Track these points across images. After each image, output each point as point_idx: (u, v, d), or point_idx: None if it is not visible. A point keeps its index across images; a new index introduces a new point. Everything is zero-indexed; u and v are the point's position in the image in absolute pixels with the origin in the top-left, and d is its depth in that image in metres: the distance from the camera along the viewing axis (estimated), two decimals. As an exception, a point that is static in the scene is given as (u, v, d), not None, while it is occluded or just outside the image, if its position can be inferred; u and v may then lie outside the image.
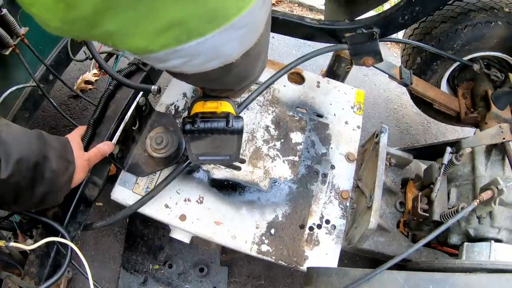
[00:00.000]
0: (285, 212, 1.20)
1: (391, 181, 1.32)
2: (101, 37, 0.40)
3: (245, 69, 0.60)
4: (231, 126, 0.72)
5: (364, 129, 1.59)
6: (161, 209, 1.14)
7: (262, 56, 0.63)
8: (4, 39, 1.06)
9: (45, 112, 1.86)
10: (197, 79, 0.60)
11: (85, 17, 0.35)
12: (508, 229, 1.10)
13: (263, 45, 0.58)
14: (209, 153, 0.88)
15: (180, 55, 0.44)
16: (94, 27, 0.37)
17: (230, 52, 0.48)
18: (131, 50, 0.43)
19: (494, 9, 1.46)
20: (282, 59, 2.37)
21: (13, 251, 0.97)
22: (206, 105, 0.75)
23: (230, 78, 0.60)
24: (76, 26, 0.37)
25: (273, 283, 1.62)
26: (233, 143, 0.81)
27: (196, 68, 0.50)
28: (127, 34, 0.39)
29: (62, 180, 0.78)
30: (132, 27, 0.37)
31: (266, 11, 0.48)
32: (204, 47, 0.43)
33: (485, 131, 1.25)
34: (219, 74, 0.54)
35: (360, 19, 1.33)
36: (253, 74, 0.67)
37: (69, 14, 0.35)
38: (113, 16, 0.35)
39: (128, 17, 0.36)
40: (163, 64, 0.47)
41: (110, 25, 0.36)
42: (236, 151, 0.86)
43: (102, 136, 1.02)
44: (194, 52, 0.44)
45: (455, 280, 0.73)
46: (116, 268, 1.56)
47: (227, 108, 0.75)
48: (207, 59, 0.47)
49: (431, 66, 1.63)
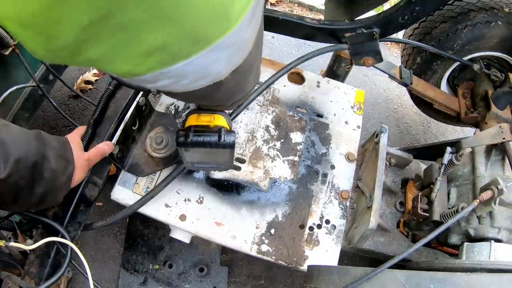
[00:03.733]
0: (285, 212, 1.19)
1: (391, 181, 1.32)
2: (86, 63, 0.40)
3: (236, 85, 0.59)
4: (222, 141, 0.74)
5: (364, 129, 1.59)
6: (161, 209, 1.14)
7: (253, 71, 0.62)
8: (4, 39, 1.06)
9: (45, 112, 1.86)
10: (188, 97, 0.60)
11: (67, 47, 0.36)
12: (508, 229, 1.10)
13: (254, 60, 0.57)
14: (203, 162, 0.90)
15: (167, 77, 0.43)
16: (76, 55, 0.37)
17: (218, 71, 0.48)
18: (117, 74, 0.43)
19: (494, 9, 1.46)
20: (282, 59, 2.37)
21: (13, 251, 0.97)
22: (200, 118, 0.77)
23: (220, 95, 0.59)
24: (59, 54, 0.38)
25: (273, 283, 1.62)
26: (225, 155, 0.83)
27: (185, 87, 0.49)
28: (110, 60, 0.39)
29: (61, 179, 0.78)
30: (114, 54, 0.38)
31: (254, 28, 0.47)
32: (191, 67, 0.42)
33: (485, 131, 1.25)
34: (209, 92, 0.53)
35: (360, 19, 1.33)
36: (244, 89, 0.66)
37: (51, 45, 0.35)
38: (94, 45, 0.36)
39: (109, 45, 0.36)
40: (152, 84, 0.47)
41: (92, 53, 0.37)
42: (229, 161, 0.88)
43: (102, 136, 1.02)
44: (182, 73, 0.43)
45: (456, 279, 0.73)
46: (116, 268, 1.56)
47: (220, 122, 0.77)
48: (196, 79, 0.47)
49: (431, 66, 1.63)
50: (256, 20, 0.45)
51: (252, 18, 0.42)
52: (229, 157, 0.85)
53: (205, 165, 0.94)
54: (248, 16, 0.40)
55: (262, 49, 0.62)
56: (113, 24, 0.33)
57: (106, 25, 0.33)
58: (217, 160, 0.88)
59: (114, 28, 0.34)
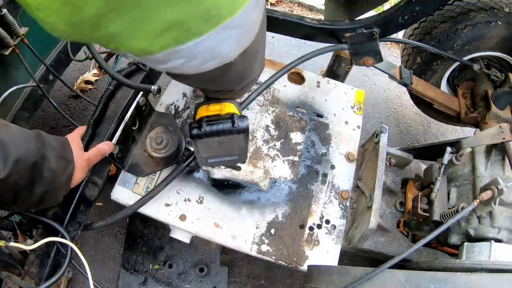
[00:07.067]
0: (285, 212, 1.19)
1: (391, 181, 1.32)
2: (104, 39, 0.42)
3: (244, 68, 0.61)
4: (237, 126, 0.73)
5: (364, 129, 1.59)
6: (161, 209, 1.14)
7: (259, 55, 0.64)
8: (4, 39, 1.06)
9: (45, 112, 1.86)
10: (198, 80, 0.61)
11: (89, 19, 0.37)
12: (508, 229, 1.10)
13: (260, 44, 0.59)
14: (218, 155, 0.88)
15: (179, 56, 0.45)
16: (97, 30, 0.38)
17: (227, 52, 0.50)
18: (133, 52, 0.44)
19: (494, 9, 1.46)
20: (282, 59, 2.37)
21: (13, 251, 0.97)
22: (209, 108, 0.76)
23: (229, 77, 0.61)
24: (80, 29, 0.39)
25: (273, 283, 1.62)
26: (240, 143, 0.81)
27: (196, 69, 0.51)
28: (129, 35, 0.40)
29: (61, 179, 0.78)
30: (133, 28, 0.39)
31: (259, 12, 0.49)
32: (202, 47, 0.44)
33: (485, 131, 1.25)
34: (218, 74, 0.55)
35: (360, 19, 1.33)
36: (251, 73, 0.68)
37: (74, 16, 0.36)
38: (115, 18, 0.37)
39: (130, 18, 0.37)
40: (164, 65, 0.48)
41: (112, 27, 0.38)
42: (244, 151, 0.87)
43: (102, 136, 1.02)
44: (193, 52, 0.45)
45: (456, 279, 0.72)
46: (116, 268, 1.56)
47: (231, 109, 0.76)
48: (206, 59, 0.49)
49: (431, 66, 1.63)
50: (261, 5, 0.48)
51: (257, 1, 0.45)
52: (244, 144, 0.83)
53: (220, 159, 0.91)
54: None
55: (265, 36, 0.64)
56: None
57: None
58: (233, 151, 0.85)
59: (135, 2, 0.35)
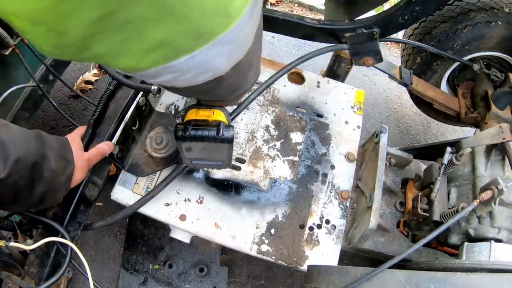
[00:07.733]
0: (285, 212, 1.19)
1: (391, 181, 1.32)
2: (92, 59, 0.42)
3: (236, 81, 0.60)
4: (221, 135, 0.74)
5: (364, 129, 1.59)
6: (161, 209, 1.14)
7: (253, 66, 0.63)
8: (4, 39, 1.06)
9: (45, 112, 1.86)
10: (190, 92, 0.61)
11: (75, 42, 0.37)
12: (508, 229, 1.10)
13: (254, 56, 0.58)
14: (202, 158, 0.89)
15: (170, 71, 0.45)
16: (83, 51, 0.39)
17: (219, 66, 0.49)
18: (122, 69, 0.44)
19: (494, 9, 1.46)
20: (282, 59, 2.37)
21: (13, 251, 0.97)
22: (199, 113, 0.76)
23: (221, 90, 0.60)
24: (67, 51, 0.39)
25: (273, 283, 1.62)
26: (223, 151, 0.82)
27: (188, 82, 0.50)
28: (116, 55, 0.40)
29: (61, 179, 0.78)
30: (120, 48, 0.39)
31: (254, 24, 0.48)
32: (193, 62, 0.43)
33: (485, 131, 1.25)
34: (210, 87, 0.54)
35: (360, 19, 1.33)
36: (245, 84, 0.67)
37: (60, 41, 0.37)
38: (101, 40, 0.37)
39: (116, 40, 0.37)
40: (154, 79, 0.48)
41: (99, 48, 0.38)
42: (227, 158, 0.88)
43: (102, 136, 1.02)
44: (184, 67, 0.44)
45: (456, 279, 0.72)
46: (116, 268, 1.56)
47: (219, 117, 0.76)
48: (197, 73, 0.48)
49: (431, 66, 1.63)
50: (255, 16, 0.46)
51: (251, 14, 0.43)
52: (227, 154, 0.84)
53: (203, 162, 0.92)
54: (247, 12, 0.41)
55: (261, 46, 0.63)
56: (120, 20, 0.34)
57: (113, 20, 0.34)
58: (215, 157, 0.87)
59: (121, 24, 0.35)
